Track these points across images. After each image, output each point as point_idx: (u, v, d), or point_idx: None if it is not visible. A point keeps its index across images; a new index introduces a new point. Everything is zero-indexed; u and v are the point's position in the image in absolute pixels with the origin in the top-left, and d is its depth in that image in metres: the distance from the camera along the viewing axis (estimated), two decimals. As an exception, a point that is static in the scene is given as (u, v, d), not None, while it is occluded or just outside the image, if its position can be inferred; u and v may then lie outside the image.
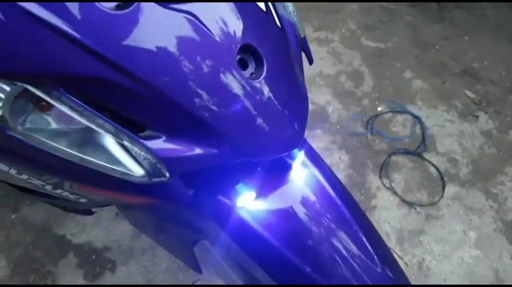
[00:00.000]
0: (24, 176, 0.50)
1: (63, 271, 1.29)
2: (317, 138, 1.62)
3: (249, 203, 0.58)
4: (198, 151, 0.46)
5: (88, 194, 0.54)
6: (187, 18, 0.40)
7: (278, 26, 0.50)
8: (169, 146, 0.45)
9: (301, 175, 0.63)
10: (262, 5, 0.48)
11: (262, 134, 0.47)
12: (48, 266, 1.30)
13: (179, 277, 1.30)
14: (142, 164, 0.45)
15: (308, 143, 0.70)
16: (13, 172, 0.49)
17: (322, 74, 1.82)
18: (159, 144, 0.44)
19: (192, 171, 0.49)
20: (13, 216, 1.39)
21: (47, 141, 0.43)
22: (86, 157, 0.44)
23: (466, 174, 1.54)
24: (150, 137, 0.44)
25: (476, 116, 1.71)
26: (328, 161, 1.56)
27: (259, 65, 0.45)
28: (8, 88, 0.39)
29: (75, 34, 0.35)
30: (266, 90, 0.45)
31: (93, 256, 1.33)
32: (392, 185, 1.51)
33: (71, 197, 0.54)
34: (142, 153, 0.44)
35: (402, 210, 1.45)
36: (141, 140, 0.43)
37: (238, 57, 0.43)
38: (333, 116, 1.69)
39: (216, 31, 0.42)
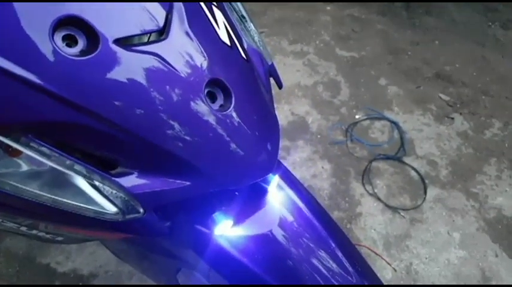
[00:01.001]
0: None
1: (50, 302, 1.25)
2: (299, 149, 1.62)
3: (226, 230, 0.57)
4: (171, 184, 0.45)
5: (64, 233, 0.53)
6: (151, 59, 0.40)
7: (244, 58, 0.51)
8: (142, 181, 0.44)
9: (278, 197, 0.63)
10: (226, 39, 0.48)
11: (235, 162, 0.47)
12: (34, 298, 1.26)
13: (168, 299, 1.26)
14: (115, 202, 0.44)
15: (283, 165, 0.70)
16: None
17: (300, 85, 1.83)
18: (131, 180, 0.44)
19: (167, 204, 0.48)
20: (-5, 248, 1.34)
21: (18, 185, 0.42)
22: (58, 198, 0.43)
23: (446, 175, 1.56)
24: (122, 174, 0.43)
25: (452, 118, 1.74)
26: (311, 171, 1.56)
27: (227, 97, 0.45)
28: None
29: (39, 82, 0.35)
30: (236, 120, 0.45)
31: (80, 284, 1.29)
32: (375, 191, 1.51)
33: (47, 236, 0.53)
34: (114, 191, 0.44)
35: (387, 215, 1.46)
36: (113, 178, 0.42)
37: (206, 90, 0.43)
38: (313, 126, 1.70)
39: (181, 68, 0.41)
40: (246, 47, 0.55)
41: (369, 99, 1.80)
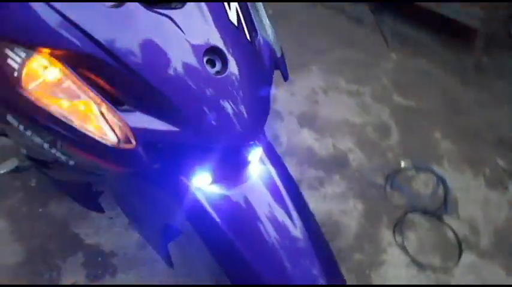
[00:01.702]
0: (29, 133, 0.59)
1: (69, 267, 1.34)
2: (334, 183, 1.60)
3: (204, 185, 0.65)
4: (163, 126, 0.54)
5: (74, 156, 0.60)
6: (166, 21, 0.52)
7: (247, 40, 0.61)
8: (140, 119, 0.54)
9: (257, 170, 0.69)
10: (234, 20, 0.59)
11: (220, 121, 0.56)
12: (58, 259, 1.36)
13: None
14: (115, 131, 0.54)
15: (270, 143, 0.76)
16: (21, 127, 0.58)
17: (348, 122, 1.83)
18: (132, 116, 0.54)
19: (158, 147, 0.56)
20: (40, 209, 1.47)
21: (50, 103, 0.53)
22: (70, 117, 0.53)
23: (487, 245, 1.44)
24: (126, 110, 0.54)
25: (506, 187, 1.62)
26: (341, 206, 1.53)
27: (224, 65, 0.56)
28: (23, 54, 0.50)
29: (78, 20, 0.48)
30: (228, 85, 0.55)
31: (99, 258, 1.37)
32: (405, 243, 1.43)
33: (63, 158, 0.61)
34: (116, 120, 0.53)
35: (411, 271, 1.37)
36: (118, 111, 0.53)
37: (207, 57, 0.54)
38: (353, 163, 1.68)
39: (188, 32, 0.53)
40: (258, 36, 0.65)
41: (419, 150, 1.74)
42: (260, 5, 0.69)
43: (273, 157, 0.73)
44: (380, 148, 1.74)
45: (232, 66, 0.56)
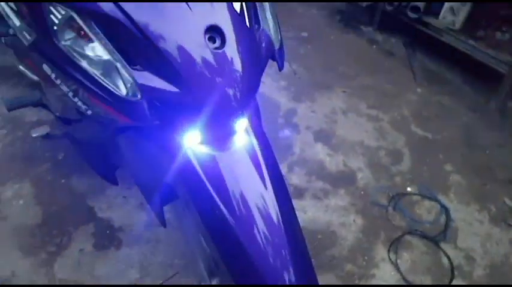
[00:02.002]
0: (58, 81, 0.73)
1: (79, 235, 1.47)
2: (338, 196, 1.68)
3: (194, 145, 0.75)
4: (166, 86, 0.67)
5: (92, 105, 0.73)
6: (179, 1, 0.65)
7: (246, 26, 0.73)
8: (147, 78, 0.67)
9: (242, 140, 0.79)
10: (237, 8, 0.71)
11: (214, 87, 0.68)
12: (70, 227, 1.49)
13: (168, 273, 1.38)
14: (126, 85, 0.66)
15: (257, 116, 0.86)
16: (53, 76, 0.72)
17: (363, 144, 1.91)
18: (141, 75, 0.66)
19: (158, 105, 0.68)
20: (63, 181, 1.64)
21: (80, 59, 0.66)
22: (96, 72, 0.67)
23: (481, 276, 1.46)
24: (137, 69, 0.67)
25: (510, 225, 1.62)
26: (341, 219, 1.60)
27: (223, 43, 0.68)
28: (63, 12, 0.64)
29: None
30: (223, 59, 0.68)
31: (107, 231, 1.49)
32: (398, 261, 1.47)
33: (83, 107, 0.74)
34: (128, 76, 0.66)
35: (400, 288, 1.40)
36: (131, 69, 0.66)
37: (209, 35, 0.67)
38: (360, 182, 1.74)
39: (195, 10, 0.66)
40: (260, 26, 0.77)
41: (427, 179, 1.78)
42: (267, 4, 0.81)
43: (258, 130, 0.83)
44: (389, 172, 1.80)
45: (230, 45, 0.68)
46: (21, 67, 1.30)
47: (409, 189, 1.73)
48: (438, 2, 2.27)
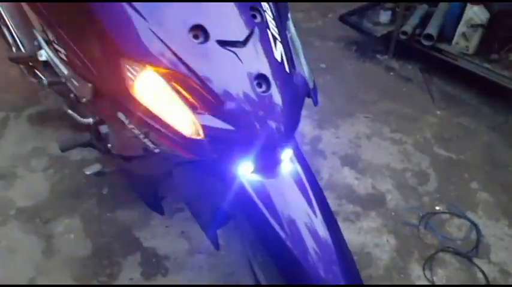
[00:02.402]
0: (131, 126, 0.89)
1: (128, 264, 1.59)
2: (370, 219, 1.76)
3: (247, 173, 0.88)
4: (223, 125, 0.80)
5: (160, 144, 0.87)
6: (232, 55, 0.78)
7: (287, 72, 0.86)
8: (208, 119, 0.79)
9: (288, 167, 0.92)
10: (278, 58, 0.84)
11: (262, 125, 0.80)
12: (119, 257, 1.61)
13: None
14: (191, 127, 0.79)
15: (299, 150, 0.98)
16: (127, 122, 0.90)
17: (389, 167, 2.01)
18: (203, 117, 0.79)
19: (217, 142, 0.81)
20: (108, 214, 1.77)
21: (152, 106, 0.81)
22: (164, 117, 0.80)
23: (517, 289, 1.50)
24: (200, 113, 0.79)
25: (541, 239, 1.67)
26: (375, 240, 1.68)
27: (268, 87, 0.81)
28: (138, 69, 0.78)
29: (176, 49, 0.77)
30: (269, 101, 0.81)
31: (153, 260, 1.61)
32: (434, 278, 1.54)
33: (151, 146, 0.88)
34: (193, 119, 0.79)
35: (438, 304, 1.46)
36: (195, 112, 0.79)
37: (257, 81, 0.80)
38: (390, 203, 1.83)
39: (246, 64, 0.79)
40: (296, 70, 0.91)
41: (455, 197, 1.86)
42: (300, 47, 0.95)
43: (301, 159, 0.95)
44: (417, 192, 1.89)
45: (274, 88, 0.80)
46: (69, 111, 1.44)
47: (437, 208, 1.81)
48: (450, 28, 2.41)
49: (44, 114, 2.23)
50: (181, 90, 0.77)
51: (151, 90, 0.78)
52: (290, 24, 0.95)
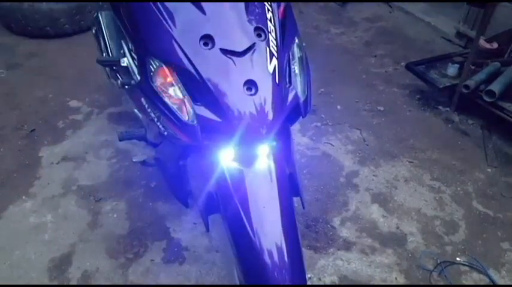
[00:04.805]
0: (149, 109, 1.26)
1: (153, 248, 1.89)
2: (384, 255, 1.87)
3: (229, 160, 1.14)
4: (213, 117, 1.07)
5: (167, 127, 1.15)
6: (229, 61, 1.05)
7: (276, 82, 1.10)
8: (202, 110, 1.07)
9: (263, 163, 1.15)
10: (271, 70, 1.09)
11: (245, 120, 1.04)
12: (148, 241, 1.93)
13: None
14: (188, 114, 1.07)
15: (290, 149, 1.20)
16: (146, 105, 1.26)
17: (420, 212, 2.10)
18: (199, 108, 1.07)
19: (208, 131, 1.07)
20: (150, 204, 2.11)
21: (163, 93, 1.12)
22: (171, 103, 1.10)
23: None
24: (197, 104, 1.08)
25: None
26: (383, 275, 1.79)
27: (256, 92, 1.06)
28: (157, 64, 1.11)
29: (188, 51, 1.08)
30: (255, 103, 1.06)
31: (175, 249, 1.89)
32: (434, 322, 1.59)
33: (162, 129, 1.18)
34: (190, 108, 1.07)
35: None
36: (193, 103, 1.07)
37: (247, 86, 1.05)
38: (410, 245, 1.92)
39: (240, 69, 1.06)
40: (291, 84, 1.15)
41: (480, 253, 1.89)
42: (305, 69, 1.19)
43: (279, 159, 1.18)
44: (441, 240, 1.95)
45: (260, 93, 1.05)
46: (135, 110, 1.79)
47: (458, 259, 1.85)
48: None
49: (121, 115, 2.72)
50: (185, 83, 1.06)
51: (164, 82, 1.07)
52: (295, 48, 1.20)
